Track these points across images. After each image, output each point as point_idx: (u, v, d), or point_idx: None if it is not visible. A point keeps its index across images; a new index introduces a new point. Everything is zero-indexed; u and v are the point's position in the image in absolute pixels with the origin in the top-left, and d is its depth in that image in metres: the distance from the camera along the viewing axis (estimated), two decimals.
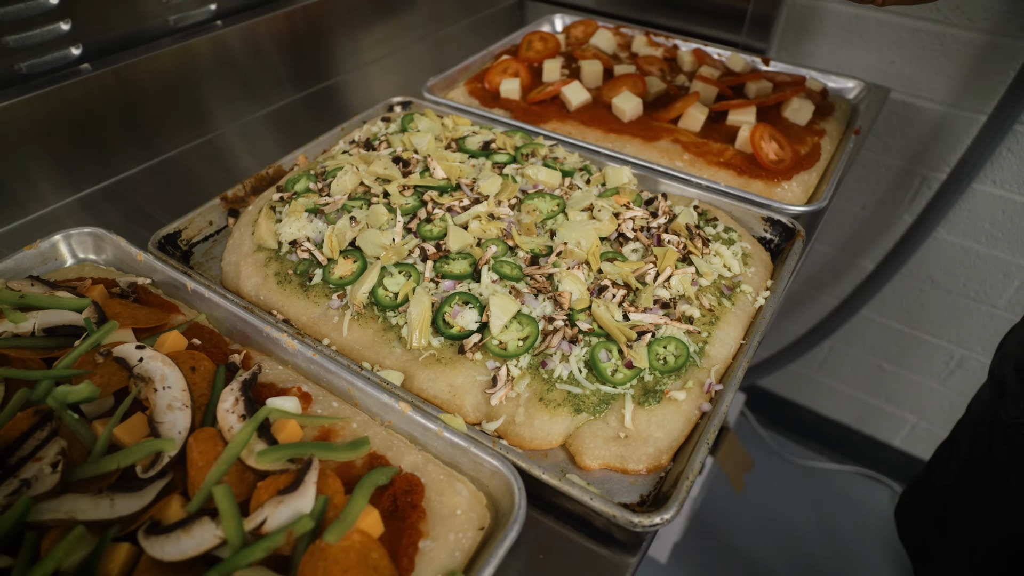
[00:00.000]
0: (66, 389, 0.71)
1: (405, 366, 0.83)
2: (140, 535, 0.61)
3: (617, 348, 0.81)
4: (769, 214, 1.07)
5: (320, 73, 1.60)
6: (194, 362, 0.78)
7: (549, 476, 0.70)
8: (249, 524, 0.61)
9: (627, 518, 0.66)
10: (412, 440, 0.76)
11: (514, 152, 1.13)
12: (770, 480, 2.59)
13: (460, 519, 0.67)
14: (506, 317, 0.82)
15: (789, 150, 1.22)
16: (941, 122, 1.84)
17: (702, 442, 0.73)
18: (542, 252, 0.93)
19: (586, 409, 0.77)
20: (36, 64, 1.08)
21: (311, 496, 0.63)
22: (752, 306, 0.92)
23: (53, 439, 0.68)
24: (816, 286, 2.36)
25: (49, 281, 0.88)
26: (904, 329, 2.26)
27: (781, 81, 1.46)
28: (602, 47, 1.55)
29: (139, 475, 0.67)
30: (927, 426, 2.41)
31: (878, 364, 2.40)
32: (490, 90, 1.42)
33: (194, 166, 1.29)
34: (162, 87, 1.25)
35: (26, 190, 1.13)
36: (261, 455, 0.66)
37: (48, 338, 0.80)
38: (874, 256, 2.15)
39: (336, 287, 0.90)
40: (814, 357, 2.53)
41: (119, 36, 1.18)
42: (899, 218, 2.05)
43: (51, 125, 1.11)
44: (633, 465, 0.75)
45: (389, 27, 1.78)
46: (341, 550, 0.59)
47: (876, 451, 2.59)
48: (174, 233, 1.02)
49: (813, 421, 2.70)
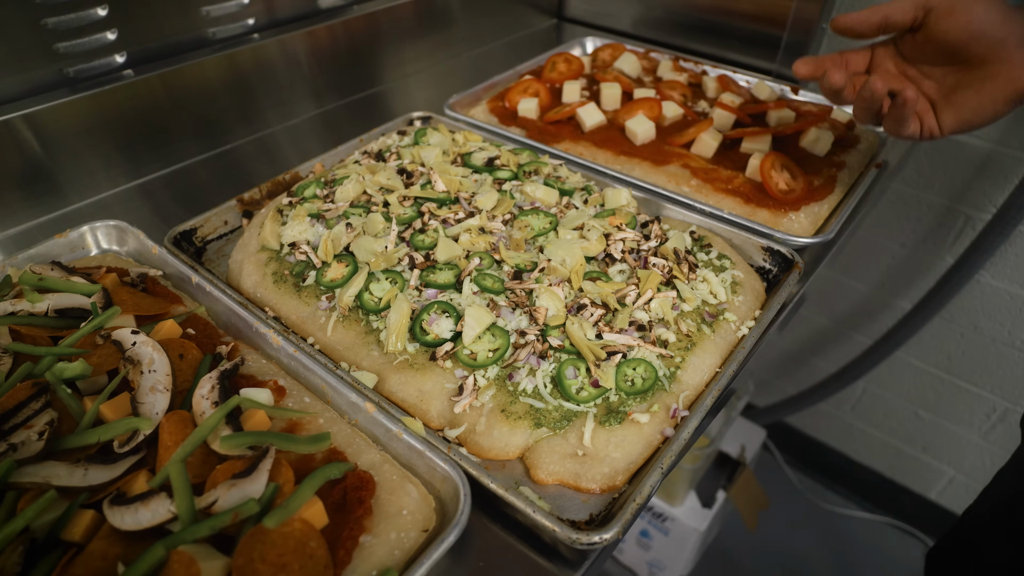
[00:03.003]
0: (63, 365, 0.78)
1: (380, 369, 0.86)
2: (105, 504, 0.65)
3: (586, 366, 0.82)
4: (769, 244, 1.06)
5: (360, 83, 1.68)
6: (183, 350, 0.84)
7: (496, 485, 0.71)
8: (201, 503, 0.65)
9: (567, 534, 0.66)
10: (375, 439, 0.78)
11: (516, 169, 1.16)
12: (792, 522, 2.49)
13: (405, 519, 0.69)
14: (479, 328, 0.84)
15: (801, 180, 1.20)
16: (987, 160, 1.77)
17: (655, 467, 0.73)
18: (527, 267, 0.94)
19: (547, 424, 0.78)
20: (83, 69, 1.18)
21: (262, 482, 0.66)
22: (734, 335, 0.91)
23: (45, 410, 0.74)
24: (850, 324, 2.27)
25: (68, 267, 0.95)
26: (943, 376, 2.15)
27: (806, 111, 1.44)
28: (626, 70, 1.57)
29: (115, 449, 0.72)
30: (965, 481, 2.28)
31: (914, 411, 2.28)
32: (509, 109, 1.46)
33: (221, 171, 1.37)
34: (205, 92, 1.34)
35: (71, 182, 1.22)
36: (224, 440, 0.70)
37: (59, 319, 0.87)
38: (912, 296, 2.06)
39: (326, 289, 0.94)
40: (846, 398, 2.43)
41: (161, 46, 1.27)
42: (940, 258, 1.96)
43: (98, 124, 1.21)
44: (587, 483, 0.75)
45: (430, 42, 1.85)
46: (280, 535, 0.62)
47: (909, 502, 2.46)
48: (190, 230, 1.09)
49: (843, 465, 2.59)
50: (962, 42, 0.97)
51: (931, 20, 0.99)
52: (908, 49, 1.07)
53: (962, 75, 1.00)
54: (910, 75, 1.08)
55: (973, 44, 0.96)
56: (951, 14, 0.97)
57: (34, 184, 1.17)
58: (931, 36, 1.01)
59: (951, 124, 1.01)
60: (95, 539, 0.63)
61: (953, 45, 0.98)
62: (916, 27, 1.03)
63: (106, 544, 0.63)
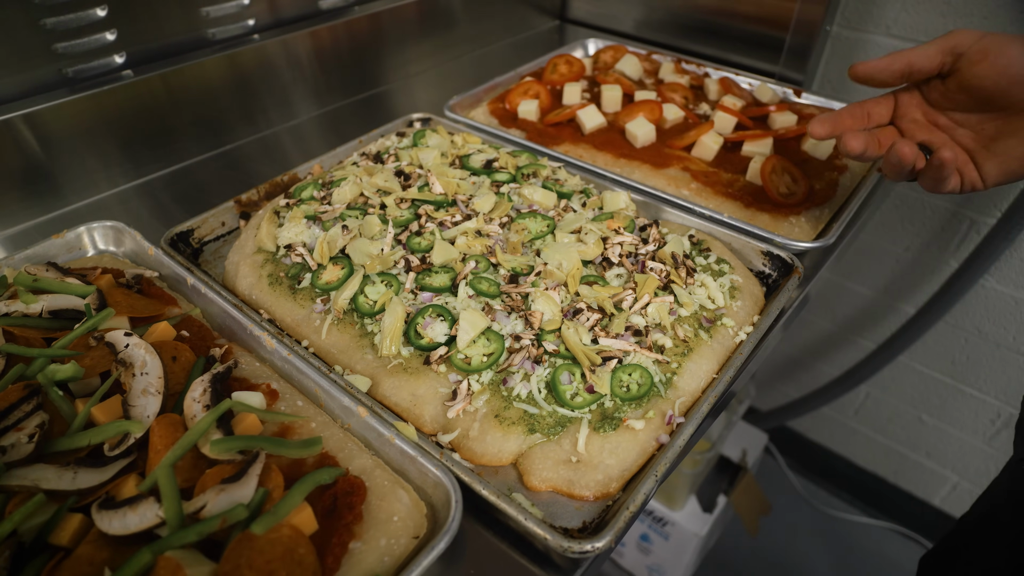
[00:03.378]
0: (55, 367, 0.77)
1: (374, 372, 0.85)
2: (93, 508, 0.65)
3: (580, 372, 0.81)
4: (768, 248, 1.05)
5: (362, 84, 1.68)
6: (176, 352, 0.83)
7: (488, 492, 0.70)
8: (189, 508, 0.64)
9: (559, 542, 0.66)
10: (367, 444, 0.78)
11: (515, 172, 1.15)
12: (794, 527, 2.48)
13: (396, 525, 0.68)
14: (474, 332, 0.83)
15: (802, 184, 1.19)
16: None
17: (650, 474, 0.72)
18: (523, 271, 0.94)
19: (540, 430, 0.77)
20: (82, 69, 1.18)
21: (252, 487, 0.66)
22: (732, 340, 0.90)
23: (36, 412, 0.74)
24: (853, 328, 2.26)
25: (63, 268, 0.95)
26: (947, 381, 2.13)
27: (809, 114, 1.43)
28: (628, 72, 1.56)
29: (106, 452, 0.71)
30: (970, 487, 2.25)
31: (918, 416, 2.26)
32: (510, 110, 1.45)
33: (222, 171, 1.37)
34: (205, 92, 1.34)
35: (70, 183, 1.22)
36: (214, 444, 0.69)
37: (53, 320, 0.87)
38: (916, 301, 2.04)
39: (322, 292, 0.94)
40: (849, 403, 2.42)
41: (161, 46, 1.27)
42: (944, 263, 1.95)
43: (98, 124, 1.20)
44: (580, 490, 0.74)
45: (433, 43, 1.84)
46: (268, 541, 0.61)
47: (913, 508, 2.44)
48: (186, 231, 1.09)
49: (846, 470, 2.57)
50: (1000, 88, 0.88)
51: (962, 66, 0.91)
52: (937, 96, 0.97)
53: (1002, 123, 0.91)
54: (941, 124, 0.98)
55: (1014, 89, 0.87)
56: (985, 59, 0.88)
57: (33, 184, 1.17)
58: (964, 83, 0.92)
59: (995, 175, 0.92)
60: (83, 543, 0.63)
61: (990, 92, 0.89)
62: (944, 73, 0.94)
63: (93, 549, 0.62)
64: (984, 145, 0.93)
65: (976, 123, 0.95)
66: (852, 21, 1.73)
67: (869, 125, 1.00)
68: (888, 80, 0.97)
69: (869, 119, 1.01)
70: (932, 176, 0.91)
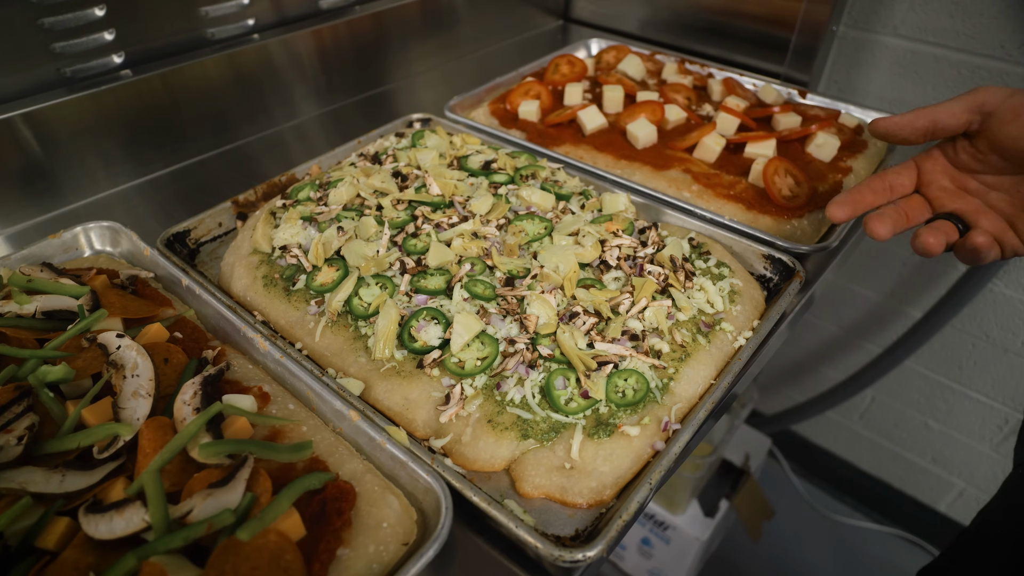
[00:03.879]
0: (46, 369, 0.77)
1: (367, 376, 0.84)
2: (80, 511, 0.64)
3: (575, 377, 0.80)
4: (770, 251, 1.03)
5: (364, 84, 1.67)
6: (168, 354, 0.83)
7: (479, 499, 0.69)
8: (175, 512, 0.63)
9: (549, 551, 0.65)
10: (358, 448, 0.77)
11: (513, 173, 1.14)
12: (798, 532, 2.46)
13: (385, 532, 0.67)
14: (468, 336, 0.82)
15: (806, 186, 1.18)
16: None
17: (644, 482, 0.71)
18: (519, 274, 0.93)
19: (534, 435, 0.76)
20: (80, 69, 1.18)
21: (239, 492, 0.65)
22: (731, 346, 0.89)
23: (27, 414, 0.73)
24: (858, 332, 2.23)
25: (58, 268, 0.95)
26: (954, 386, 2.10)
27: (813, 115, 1.41)
28: (630, 73, 1.55)
29: (95, 455, 0.71)
30: (976, 493, 2.23)
31: (924, 421, 2.24)
32: (511, 111, 1.44)
33: (223, 171, 1.37)
34: (206, 91, 1.34)
35: (70, 182, 1.22)
36: (202, 448, 0.69)
37: (47, 320, 0.87)
38: (923, 304, 2.02)
39: (316, 293, 0.93)
40: (855, 407, 2.39)
41: (160, 46, 1.27)
42: (952, 266, 1.92)
43: (98, 123, 1.20)
44: (573, 497, 0.73)
45: (436, 43, 1.84)
46: (254, 548, 0.60)
47: (919, 514, 2.41)
48: (183, 232, 1.08)
49: (851, 475, 2.54)
50: None
51: (992, 125, 0.85)
52: (965, 158, 0.91)
53: None
54: (971, 189, 0.91)
55: None
56: (1018, 118, 0.82)
57: (33, 183, 1.17)
58: (995, 143, 0.86)
59: None
60: (69, 548, 0.62)
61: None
62: (971, 132, 0.89)
63: (79, 553, 0.62)
64: (1022, 208, 0.86)
65: (1011, 185, 0.88)
66: (859, 21, 1.71)
67: (892, 198, 0.93)
68: (910, 137, 0.91)
69: (892, 192, 0.93)
70: (968, 255, 0.86)
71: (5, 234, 1.17)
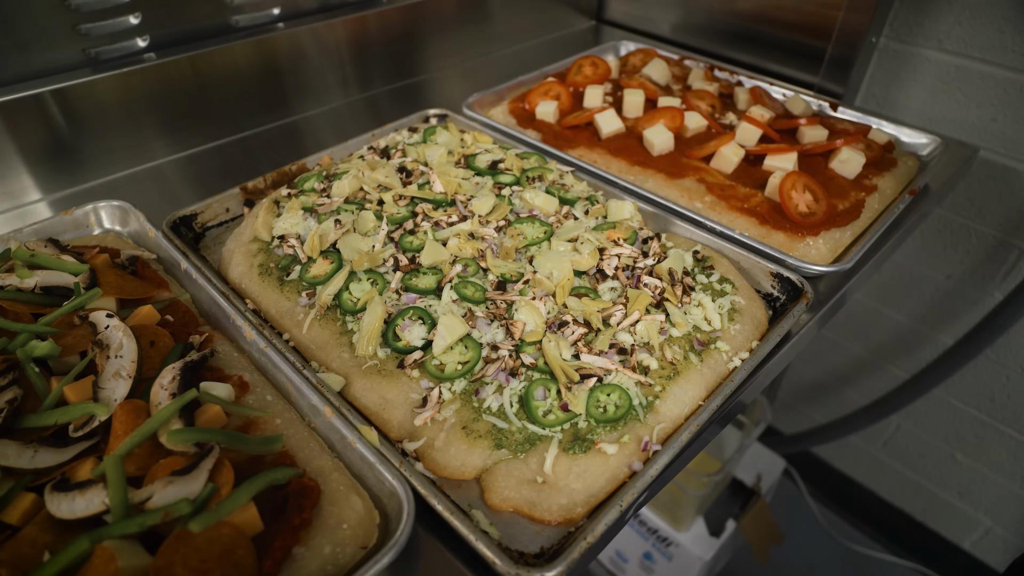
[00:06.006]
0: (34, 344, 0.78)
1: (348, 372, 0.83)
2: (46, 489, 0.65)
3: (556, 388, 0.78)
4: (779, 269, 0.99)
5: (389, 76, 1.67)
6: (155, 337, 0.83)
7: (443, 507, 0.68)
8: (136, 497, 0.63)
9: (506, 568, 0.63)
10: (330, 446, 0.76)
11: (519, 174, 1.12)
12: (812, 559, 2.37)
13: (344, 534, 0.66)
14: (451, 338, 0.81)
15: (824, 203, 1.12)
16: None
17: (614, 504, 0.68)
18: (512, 278, 0.91)
19: (507, 446, 0.74)
20: (105, 51, 1.20)
21: (201, 482, 0.65)
22: (724, 366, 0.85)
23: (10, 387, 0.75)
24: (886, 355, 2.14)
25: (63, 244, 0.96)
26: (985, 419, 2.00)
27: (842, 129, 1.35)
28: (655, 77, 1.51)
29: (70, 434, 0.72)
30: (1003, 533, 2.12)
31: (951, 453, 2.14)
32: (529, 111, 1.42)
33: (242, 156, 1.38)
34: (230, 76, 1.35)
35: (92, 159, 1.25)
36: (171, 435, 0.69)
37: (45, 296, 0.88)
38: (955, 332, 1.92)
39: (309, 285, 0.93)
40: (879, 433, 2.30)
41: (184, 31, 1.29)
42: (988, 293, 1.82)
43: (123, 104, 1.23)
44: (542, 513, 0.71)
45: (465, 38, 1.83)
46: (206, 540, 0.60)
47: (941, 550, 2.30)
48: (190, 215, 1.10)
49: (872, 504, 2.44)
50: None
51: None
52: None
53: None
54: None
55: None
56: None
57: (56, 159, 1.20)
58: None
59: None
60: (29, 524, 0.63)
61: None
62: None
63: (38, 530, 0.62)
64: None
65: None
66: (901, 33, 1.63)
67: None
68: None
69: None
70: None
71: (29, 208, 1.20)
